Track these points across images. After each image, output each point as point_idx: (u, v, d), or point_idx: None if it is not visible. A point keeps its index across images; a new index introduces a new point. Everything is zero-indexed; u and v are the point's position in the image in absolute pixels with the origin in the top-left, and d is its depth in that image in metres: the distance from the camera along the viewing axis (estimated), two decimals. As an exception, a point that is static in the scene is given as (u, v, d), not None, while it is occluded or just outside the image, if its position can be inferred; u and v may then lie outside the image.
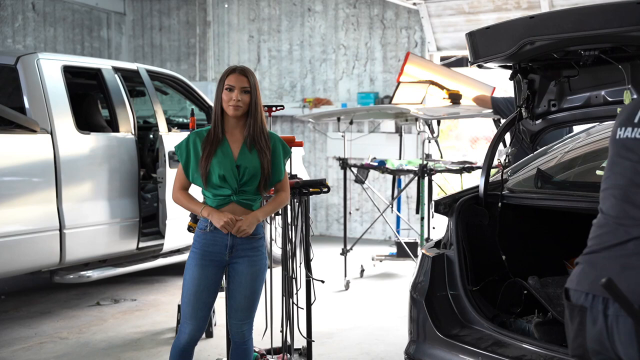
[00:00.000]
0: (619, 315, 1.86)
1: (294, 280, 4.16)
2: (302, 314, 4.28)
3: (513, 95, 3.70)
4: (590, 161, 3.56)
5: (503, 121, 5.40)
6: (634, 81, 3.16)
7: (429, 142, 7.11)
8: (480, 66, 3.40)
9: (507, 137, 4.30)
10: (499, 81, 7.08)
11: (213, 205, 3.33)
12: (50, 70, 5.43)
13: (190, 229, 4.21)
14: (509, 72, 3.49)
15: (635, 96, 3.15)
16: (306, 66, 9.87)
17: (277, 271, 4.31)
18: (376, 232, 9.35)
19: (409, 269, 7.20)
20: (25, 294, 6.41)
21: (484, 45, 3.23)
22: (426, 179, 6.48)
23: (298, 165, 7.42)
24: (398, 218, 8.05)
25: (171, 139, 6.03)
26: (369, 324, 5.55)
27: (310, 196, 4.27)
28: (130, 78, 6.40)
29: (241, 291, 3.38)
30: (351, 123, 7.19)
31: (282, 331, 4.20)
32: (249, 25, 10.26)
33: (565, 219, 3.55)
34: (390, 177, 7.57)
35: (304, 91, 9.89)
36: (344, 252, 6.93)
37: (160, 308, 5.95)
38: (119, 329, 5.39)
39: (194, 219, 4.21)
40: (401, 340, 3.81)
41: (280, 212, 4.17)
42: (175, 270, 6.88)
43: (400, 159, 7.60)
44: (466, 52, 3.59)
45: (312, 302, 4.25)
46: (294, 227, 4.19)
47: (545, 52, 3.14)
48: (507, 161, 3.59)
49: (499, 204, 3.31)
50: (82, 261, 5.58)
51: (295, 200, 4.17)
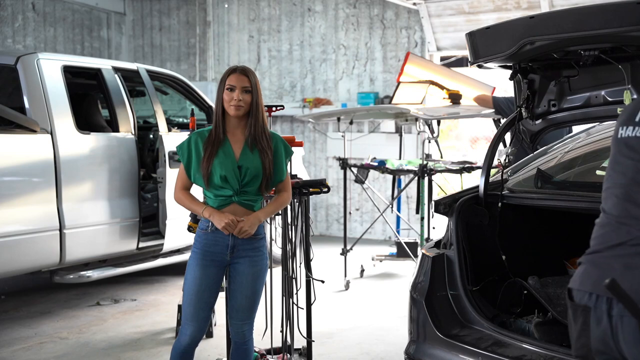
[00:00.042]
0: (623, 315, 1.86)
1: (294, 280, 4.16)
2: (302, 314, 4.28)
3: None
4: (590, 161, 3.56)
5: (503, 121, 5.40)
6: (634, 81, 3.16)
7: (429, 142, 7.11)
8: (480, 66, 3.40)
9: (507, 137, 4.30)
10: (499, 81, 7.08)
11: (214, 206, 3.33)
12: (50, 70, 5.43)
13: (190, 229, 4.21)
14: (509, 72, 3.49)
15: (635, 96, 3.14)
16: (306, 66, 9.87)
17: (277, 271, 4.31)
18: (376, 232, 9.34)
19: (409, 269, 7.20)
20: (25, 294, 6.41)
21: (484, 45, 3.23)
22: (426, 179, 6.48)
23: (298, 165, 7.42)
24: (398, 218, 8.05)
25: (171, 139, 6.02)
26: (369, 324, 5.54)
27: (310, 196, 4.27)
28: (130, 78, 6.40)
29: (242, 291, 3.38)
30: (351, 123, 7.19)
31: (282, 331, 4.19)
32: (249, 25, 10.26)
33: (565, 219, 3.55)
34: (390, 177, 7.57)
35: (304, 91, 9.89)
36: (344, 252, 6.93)
37: (160, 308, 5.95)
38: (119, 329, 5.39)
39: (194, 219, 4.21)
40: (401, 340, 3.80)
41: (280, 212, 4.17)
42: (175, 270, 6.88)
43: (400, 159, 7.60)
44: (466, 52, 3.59)
45: (312, 302, 4.25)
46: (294, 227, 4.19)
47: (545, 52, 3.14)
48: (507, 161, 3.59)
49: (499, 204, 3.31)
50: (82, 261, 5.58)
51: (295, 200, 4.17)
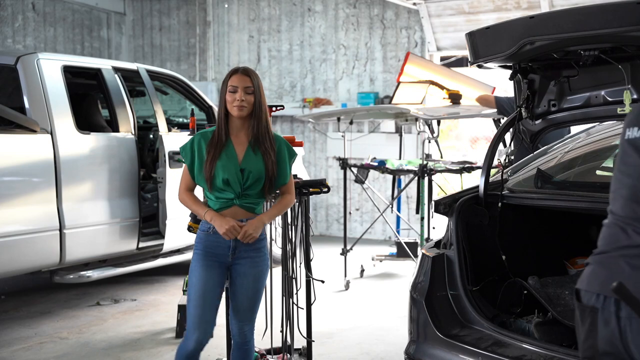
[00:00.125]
0: (632, 317, 1.85)
1: (294, 280, 4.16)
2: (302, 314, 4.27)
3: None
4: (590, 161, 3.56)
5: (503, 121, 5.40)
6: (633, 81, 3.15)
7: (429, 142, 7.11)
8: (480, 66, 3.40)
9: (508, 137, 4.30)
10: (499, 81, 7.09)
11: (215, 208, 3.32)
12: (50, 70, 5.43)
13: (190, 229, 4.20)
14: (509, 72, 3.49)
15: (635, 96, 3.14)
16: (306, 66, 9.87)
17: (277, 271, 4.31)
18: (376, 232, 9.34)
19: (409, 269, 7.19)
20: (25, 294, 6.41)
21: (484, 45, 3.23)
22: (426, 179, 6.48)
23: (298, 165, 7.42)
24: (398, 218, 8.05)
25: (171, 139, 6.03)
26: (369, 324, 5.54)
27: (310, 196, 4.27)
28: (130, 78, 6.40)
29: (243, 292, 3.38)
30: (351, 123, 7.19)
31: (282, 331, 4.20)
32: (249, 25, 10.26)
33: (565, 219, 3.55)
34: (390, 177, 7.57)
35: (304, 91, 9.88)
36: (344, 252, 6.93)
37: (160, 308, 5.95)
38: (119, 329, 5.39)
39: (195, 219, 4.20)
40: (401, 340, 3.80)
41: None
42: (175, 270, 6.88)
43: (400, 159, 7.60)
44: (466, 52, 3.59)
45: (312, 302, 4.25)
46: (294, 227, 4.19)
47: (545, 52, 3.14)
48: (507, 161, 3.59)
49: (499, 204, 3.31)
50: (82, 261, 5.58)
51: (295, 200, 4.16)
